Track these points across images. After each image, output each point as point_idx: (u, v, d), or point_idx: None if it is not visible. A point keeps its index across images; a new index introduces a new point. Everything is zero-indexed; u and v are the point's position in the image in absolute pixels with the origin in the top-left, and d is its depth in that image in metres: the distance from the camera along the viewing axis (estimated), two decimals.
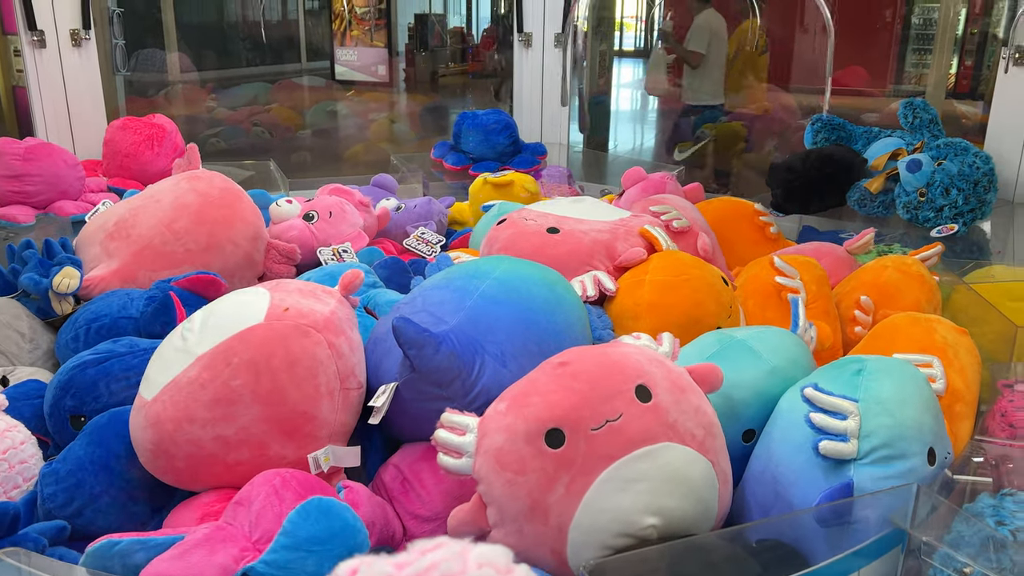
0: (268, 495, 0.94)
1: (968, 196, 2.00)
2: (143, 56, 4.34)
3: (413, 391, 1.10)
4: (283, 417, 1.04)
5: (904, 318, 1.39)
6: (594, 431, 0.92)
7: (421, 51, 6.63)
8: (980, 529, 0.88)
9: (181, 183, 1.63)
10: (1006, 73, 2.21)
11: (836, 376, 1.05)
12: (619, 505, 0.90)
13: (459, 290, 1.19)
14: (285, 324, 1.07)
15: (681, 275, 1.40)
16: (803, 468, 0.98)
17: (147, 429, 1.02)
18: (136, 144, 2.28)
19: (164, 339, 1.13)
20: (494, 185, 2.26)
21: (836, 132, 2.39)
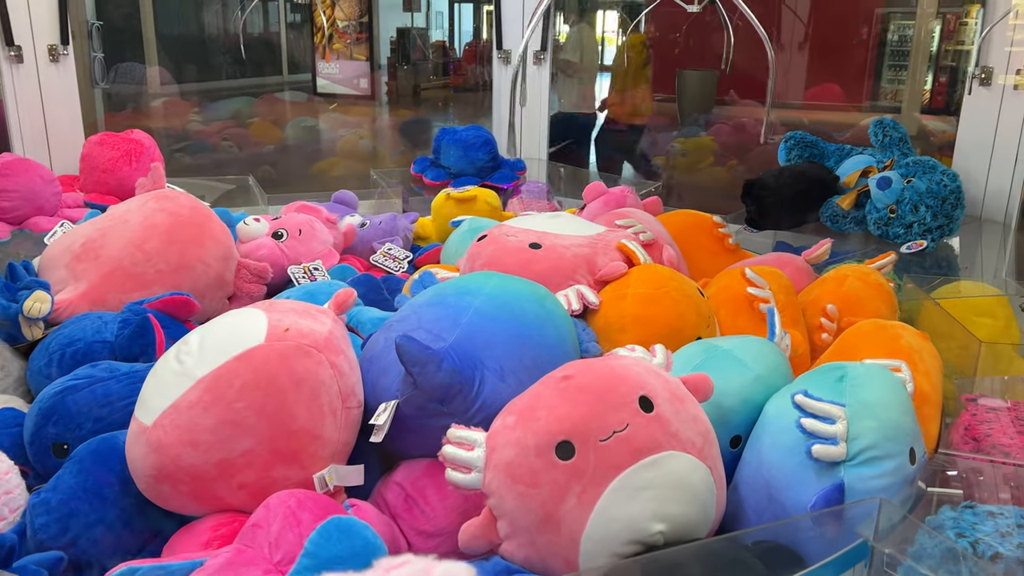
0: (286, 517, 0.94)
1: (936, 213, 2.04)
2: (122, 69, 4.33)
3: (415, 408, 1.11)
4: (288, 438, 1.03)
5: (870, 325, 1.43)
6: (602, 442, 0.95)
7: (403, 65, 6.65)
8: (941, 541, 0.89)
9: (149, 203, 1.61)
10: (970, 94, 2.26)
11: (821, 382, 1.10)
12: (629, 513, 0.94)
13: (452, 307, 1.20)
14: (287, 344, 1.06)
15: (662, 288, 1.44)
16: (795, 471, 1.03)
17: (148, 455, 1.01)
18: (114, 159, 2.27)
19: (156, 362, 1.11)
20: (457, 200, 2.26)
21: (809, 149, 2.44)
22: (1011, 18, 2.20)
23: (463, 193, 2.27)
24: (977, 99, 2.26)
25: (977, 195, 2.28)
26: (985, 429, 1.21)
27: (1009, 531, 0.91)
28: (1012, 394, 1.35)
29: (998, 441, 1.18)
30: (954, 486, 1.07)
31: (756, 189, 2.24)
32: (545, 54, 2.99)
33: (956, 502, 1.00)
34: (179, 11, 5.58)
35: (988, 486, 1.07)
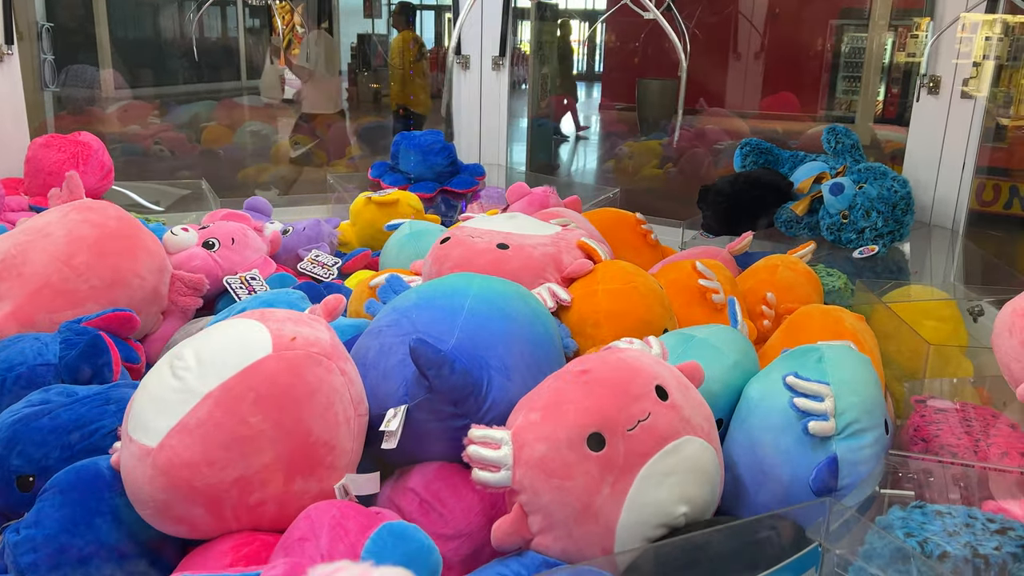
0: (332, 528, 0.92)
1: (887, 218, 2.07)
2: (73, 72, 4.23)
3: (427, 412, 1.10)
4: (306, 450, 1.00)
5: (814, 309, 1.52)
6: (629, 432, 0.99)
7: (363, 71, 6.60)
8: (891, 542, 0.90)
9: (71, 214, 1.50)
10: (918, 101, 2.31)
11: (802, 364, 1.18)
12: (657, 499, 0.99)
13: (444, 309, 1.20)
14: (297, 354, 1.02)
15: (630, 283, 1.47)
16: (790, 448, 1.10)
17: (157, 478, 0.94)
18: (60, 162, 2.21)
19: (146, 381, 1.03)
20: (378, 204, 2.24)
21: (764, 156, 2.46)
22: (958, 29, 2.25)
23: (385, 197, 2.25)
24: (925, 107, 2.31)
25: (926, 201, 2.32)
26: (934, 430, 1.23)
27: (957, 530, 0.92)
28: (960, 395, 1.37)
29: (946, 442, 1.19)
30: (905, 487, 1.08)
31: (711, 195, 2.26)
32: (504, 59, 2.99)
33: (907, 503, 1.01)
34: (135, 13, 5.48)
35: (938, 486, 1.09)
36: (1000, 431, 1.21)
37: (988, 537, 0.90)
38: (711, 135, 4.17)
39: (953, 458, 1.13)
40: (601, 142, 6.09)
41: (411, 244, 1.86)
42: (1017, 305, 1.26)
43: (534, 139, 4.15)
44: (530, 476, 0.97)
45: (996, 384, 1.36)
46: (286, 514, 0.99)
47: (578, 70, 7.62)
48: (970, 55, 2.24)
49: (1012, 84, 2.53)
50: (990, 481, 1.08)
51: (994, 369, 1.34)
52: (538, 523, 0.98)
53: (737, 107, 4.56)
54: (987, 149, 2.33)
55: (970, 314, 1.79)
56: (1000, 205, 2.66)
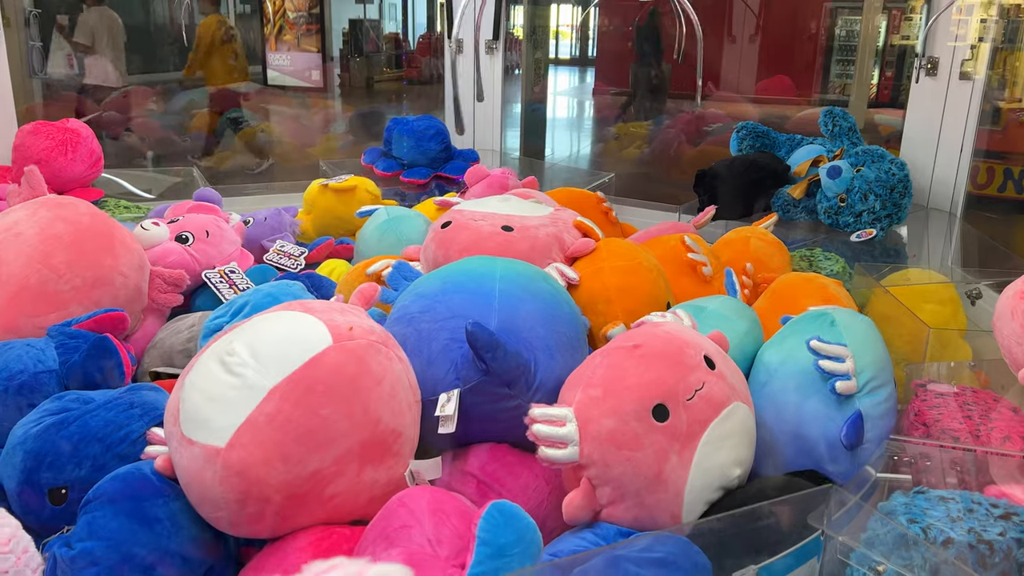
0: (434, 513, 0.93)
1: (885, 201, 2.06)
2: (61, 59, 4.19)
3: (481, 395, 1.12)
4: (377, 439, 1.00)
5: (796, 277, 1.61)
6: (688, 401, 1.05)
7: (356, 57, 6.56)
8: (893, 528, 0.89)
9: (40, 211, 1.42)
10: (917, 83, 2.29)
11: (817, 328, 1.25)
12: (718, 463, 1.05)
13: (475, 292, 1.21)
14: (358, 343, 1.01)
15: (634, 259, 1.51)
16: (817, 408, 1.17)
17: (229, 479, 0.92)
18: (48, 149, 2.18)
19: (193, 380, 1.00)
20: (335, 191, 2.20)
21: (760, 139, 2.45)
22: (954, 11, 2.23)
23: (341, 183, 2.21)
24: (923, 88, 2.29)
25: (924, 184, 2.31)
26: (934, 415, 1.22)
27: (960, 516, 0.91)
28: (959, 379, 1.37)
29: (947, 426, 1.19)
30: (904, 472, 1.08)
31: (708, 179, 2.25)
32: (497, 43, 2.96)
33: (906, 487, 1.01)
34: (125, 0, 5.44)
35: (936, 471, 1.08)
36: (1001, 415, 1.20)
37: (992, 523, 0.89)
38: (711, 119, 4.16)
39: (955, 443, 1.13)
40: (595, 127, 6.06)
41: (391, 230, 1.83)
42: (1018, 288, 1.25)
43: (527, 124, 4.12)
44: (599, 450, 1.00)
45: (995, 367, 1.36)
46: (357, 505, 1.00)
47: (571, 54, 7.58)
48: (967, 37, 2.23)
49: (1007, 67, 2.52)
50: (992, 466, 1.08)
51: (992, 352, 1.33)
52: (607, 495, 1.01)
53: (732, 91, 4.54)
54: (983, 132, 2.31)
55: (968, 297, 1.78)
56: (994, 188, 2.65)
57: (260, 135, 4.61)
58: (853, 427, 1.15)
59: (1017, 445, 1.12)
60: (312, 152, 4.74)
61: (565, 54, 7.64)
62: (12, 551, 0.88)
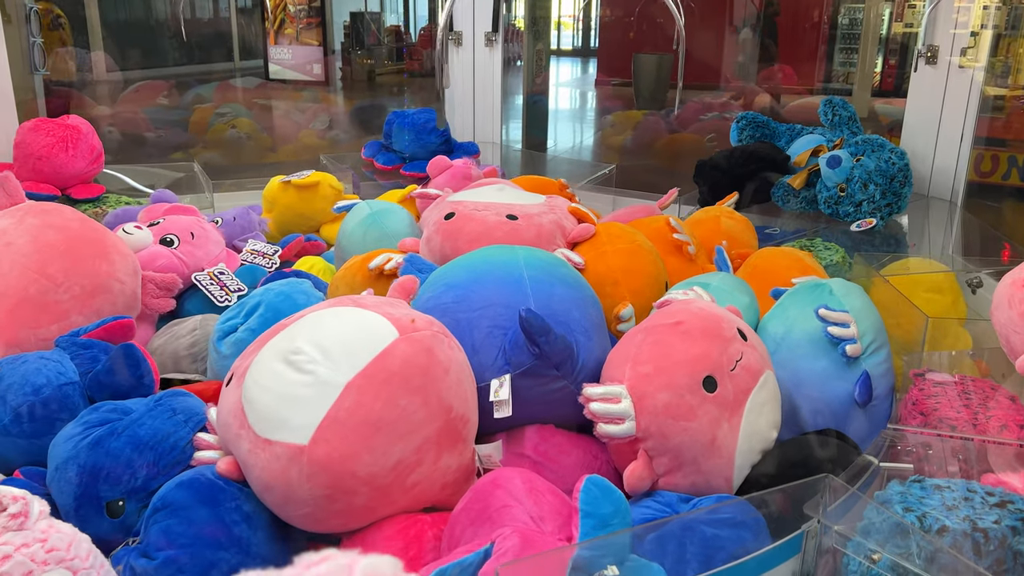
0: (529, 492, 0.96)
1: (885, 191, 2.05)
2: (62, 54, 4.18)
3: (531, 378, 1.15)
4: (451, 426, 1.02)
5: (773, 252, 1.72)
6: (732, 372, 1.12)
7: (357, 50, 6.55)
8: (889, 517, 0.89)
9: (27, 219, 1.38)
10: (916, 71, 2.28)
11: (818, 298, 1.33)
12: (760, 427, 1.13)
13: (505, 280, 1.24)
14: (423, 334, 1.03)
15: (633, 242, 1.56)
16: (827, 371, 1.27)
17: (317, 475, 0.93)
18: (49, 146, 2.18)
19: (259, 380, 1.00)
20: (298, 187, 2.16)
21: (760, 130, 2.44)
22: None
23: (304, 179, 2.17)
24: (923, 77, 2.28)
25: (924, 173, 2.30)
26: (932, 403, 1.22)
27: (955, 504, 0.91)
28: (959, 368, 1.37)
29: (945, 415, 1.19)
30: (904, 461, 1.08)
31: (708, 169, 2.24)
32: (497, 35, 2.95)
33: (906, 477, 1.01)
34: None
35: (937, 460, 1.09)
36: (999, 403, 1.20)
37: (987, 511, 0.89)
38: (715, 108, 4.15)
39: (952, 431, 1.13)
40: (597, 119, 6.04)
41: (375, 224, 1.81)
42: (1016, 276, 1.24)
43: (529, 116, 4.11)
44: (657, 422, 1.07)
45: (994, 356, 1.36)
46: (434, 492, 1.02)
47: (573, 45, 7.56)
48: (968, 24, 2.21)
49: (1010, 54, 2.50)
50: (989, 454, 1.08)
51: (992, 341, 1.33)
52: (665, 464, 1.08)
53: (734, 81, 4.52)
54: (985, 119, 2.30)
55: (968, 286, 1.77)
56: (998, 176, 2.64)
57: (230, 132, 4.48)
58: (864, 386, 1.26)
59: (1014, 433, 1.12)
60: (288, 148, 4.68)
61: (567, 45, 7.61)
62: (92, 566, 0.87)
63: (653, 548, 0.91)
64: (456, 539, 0.94)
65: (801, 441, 1.18)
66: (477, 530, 0.92)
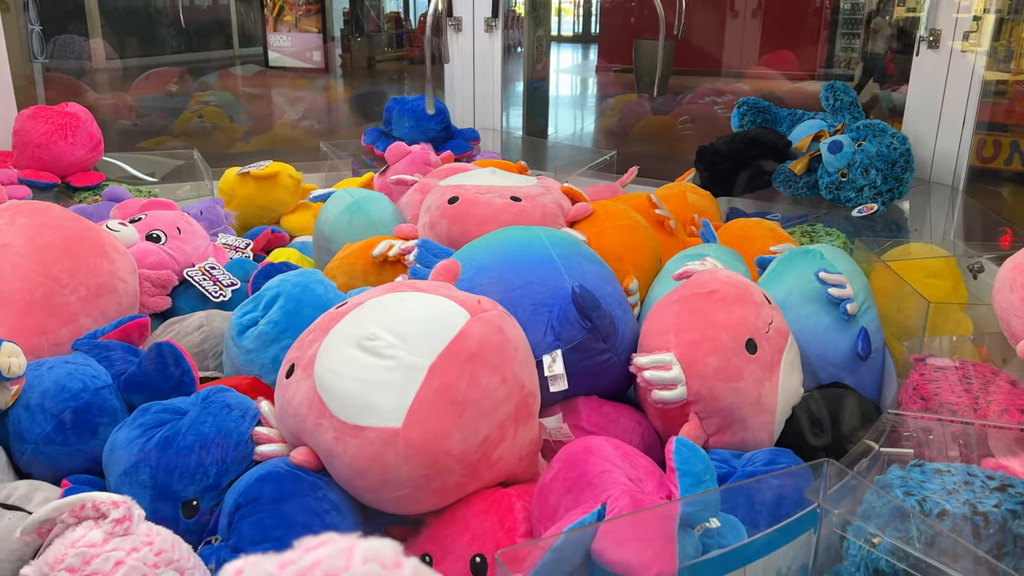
0: (623, 456, 0.99)
1: (887, 176, 2.04)
2: (61, 42, 4.16)
3: (580, 352, 1.19)
4: (524, 402, 1.05)
5: (744, 223, 1.84)
6: (767, 334, 1.19)
7: (357, 37, 6.52)
8: (889, 501, 0.90)
9: (19, 218, 1.32)
10: (918, 55, 2.27)
11: (811, 263, 1.42)
12: (793, 384, 1.22)
13: (537, 259, 1.28)
14: (492, 314, 1.06)
15: (630, 218, 1.62)
16: (828, 330, 1.36)
17: (413, 457, 0.94)
18: (48, 134, 2.18)
19: (335, 367, 1.00)
20: (256, 178, 2.12)
21: (761, 115, 2.43)
22: None
23: (263, 170, 2.13)
24: (925, 61, 2.27)
25: (926, 158, 2.29)
26: (933, 388, 1.22)
27: (956, 488, 0.91)
28: (959, 353, 1.36)
29: (946, 400, 1.19)
30: (904, 446, 1.08)
31: (709, 155, 2.23)
32: (496, 21, 2.94)
33: (906, 461, 1.01)
34: None
35: (937, 444, 1.09)
36: (1000, 388, 1.20)
37: (987, 494, 0.89)
38: (726, 93, 4.14)
39: (952, 416, 1.13)
40: (599, 105, 6.02)
41: (360, 212, 1.78)
42: (1017, 261, 1.24)
43: (530, 103, 4.10)
44: (707, 386, 1.13)
45: (995, 341, 1.36)
46: (512, 465, 1.05)
47: (574, 31, 7.52)
48: (971, 8, 2.20)
49: (1013, 38, 2.49)
50: (989, 438, 1.08)
51: (993, 326, 1.33)
52: (715, 424, 1.15)
53: (735, 67, 4.50)
54: (987, 104, 2.29)
55: (970, 271, 1.77)
56: (1000, 161, 2.62)
57: (195, 121, 4.35)
58: (864, 340, 1.37)
59: (1015, 418, 1.12)
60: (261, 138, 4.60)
61: (568, 31, 7.58)
62: (195, 566, 0.87)
63: (726, 501, 0.95)
64: (552, 507, 0.96)
65: (824, 394, 1.25)
66: (578, 496, 0.94)
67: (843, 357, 1.36)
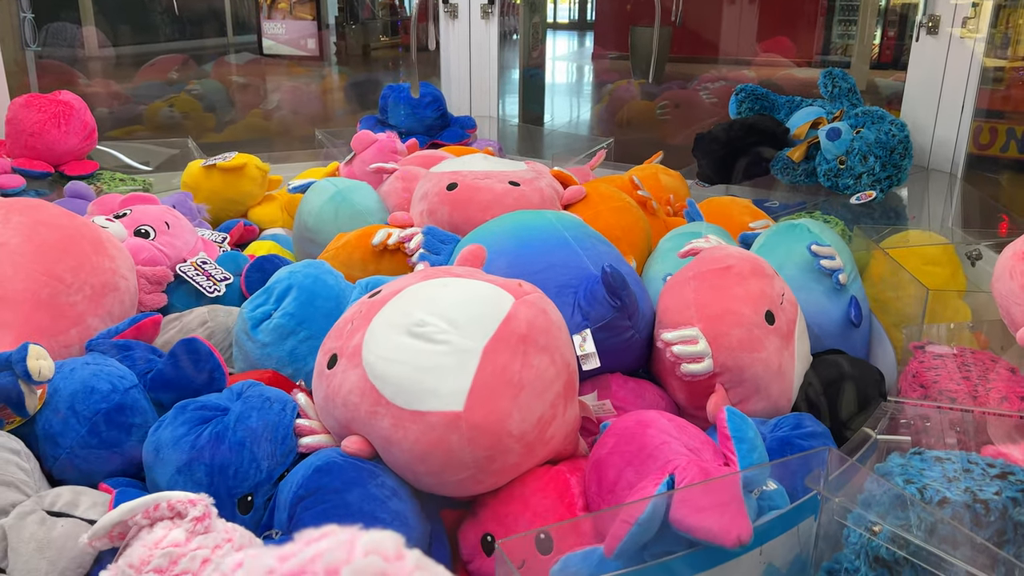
0: (677, 428, 1.02)
1: (885, 163, 2.04)
2: (53, 30, 4.12)
3: (610, 330, 1.22)
4: (570, 380, 1.08)
5: (719, 201, 1.94)
6: (781, 305, 1.25)
7: (351, 24, 6.48)
8: (889, 489, 0.89)
9: (12, 216, 1.26)
10: (918, 41, 2.26)
11: (799, 237, 1.49)
12: (805, 352, 1.28)
13: (553, 242, 1.32)
14: (534, 297, 1.08)
15: (622, 199, 1.67)
16: (822, 299, 1.42)
17: (477, 438, 0.95)
18: (41, 122, 2.16)
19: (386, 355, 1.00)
20: (223, 170, 2.07)
21: (759, 102, 2.42)
22: None
23: (230, 162, 2.08)
24: (924, 47, 2.26)
25: (924, 144, 2.28)
26: (932, 376, 1.22)
27: (956, 476, 0.91)
28: (957, 340, 1.36)
29: (945, 387, 1.19)
30: (902, 433, 1.08)
31: (706, 142, 2.22)
32: (493, 7, 2.92)
33: (905, 449, 1.01)
34: None
35: (935, 432, 1.08)
36: (999, 375, 1.20)
37: (988, 482, 0.89)
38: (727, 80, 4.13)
39: (952, 404, 1.13)
40: (595, 92, 5.99)
41: (346, 201, 1.77)
42: (1017, 248, 1.24)
43: (526, 90, 4.08)
44: (733, 357, 1.17)
45: (994, 328, 1.36)
46: (561, 442, 1.08)
47: (570, 18, 7.48)
48: None
49: (1010, 24, 2.48)
50: (989, 426, 1.08)
51: (991, 313, 1.33)
52: (740, 394, 1.19)
53: (732, 54, 4.48)
54: (985, 91, 2.28)
55: (968, 258, 1.77)
56: (997, 148, 2.62)
57: (164, 111, 4.22)
58: (857, 308, 1.44)
59: (1014, 405, 1.12)
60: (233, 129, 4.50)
61: (564, 18, 7.54)
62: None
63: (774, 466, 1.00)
64: (611, 481, 0.98)
65: (828, 361, 1.31)
66: (639, 468, 0.96)
67: (836, 325, 1.42)
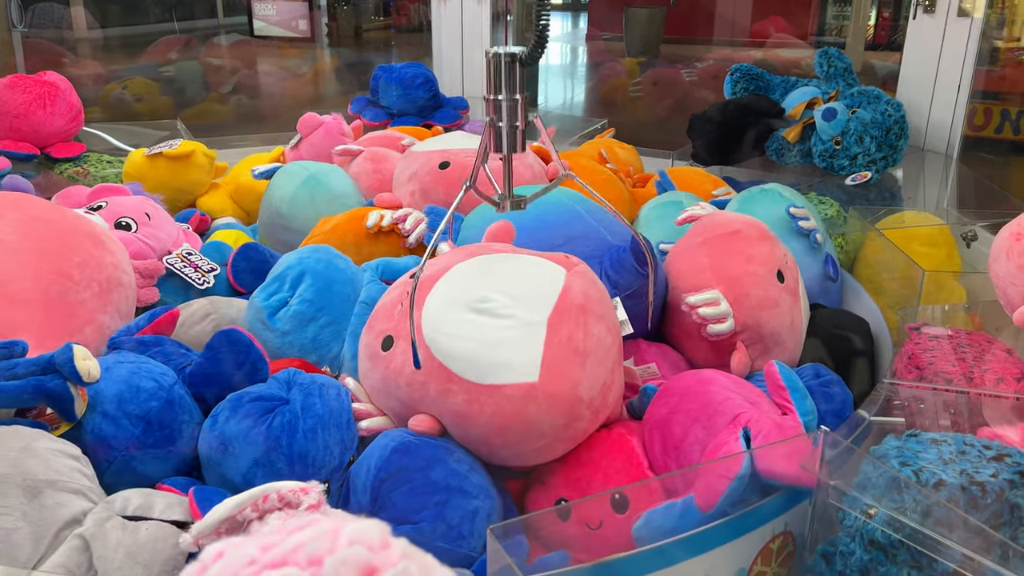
0: (733, 384, 1.06)
1: (881, 143, 2.02)
2: (39, 11, 4.07)
3: (636, 298, 1.26)
4: (621, 346, 1.12)
5: (682, 170, 2.05)
6: (787, 265, 1.32)
7: (343, 5, 6.42)
8: (885, 471, 0.89)
9: (8, 212, 1.20)
10: (914, 19, 2.24)
11: (771, 200, 1.57)
12: (806, 307, 1.37)
13: (566, 215, 1.37)
14: (580, 268, 1.10)
15: (604, 173, 1.74)
16: (802, 258, 1.48)
17: (554, 406, 0.98)
18: (27, 104, 2.12)
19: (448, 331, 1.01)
20: (170, 158, 1.99)
21: (755, 82, 2.39)
22: None
23: (176, 150, 2.00)
24: (921, 26, 2.24)
25: (920, 125, 2.27)
26: (928, 357, 1.22)
27: (952, 458, 0.90)
28: (952, 322, 1.36)
29: (940, 369, 1.18)
30: (897, 415, 1.08)
31: (701, 123, 2.21)
32: None
33: (899, 431, 1.00)
34: None
35: (929, 413, 1.08)
36: (996, 357, 1.20)
37: (984, 464, 0.88)
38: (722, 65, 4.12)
39: (948, 385, 1.12)
40: (588, 73, 5.96)
41: (321, 185, 1.74)
42: (1014, 229, 1.23)
43: None
44: (753, 315, 1.25)
45: (988, 309, 1.35)
46: (615, 407, 1.11)
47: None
48: None
49: (1006, 4, 2.46)
50: (985, 408, 1.07)
51: (987, 294, 1.32)
52: (758, 350, 1.26)
53: (727, 34, 4.45)
54: (980, 72, 2.27)
55: (963, 239, 1.76)
56: (991, 129, 2.61)
57: (117, 93, 4.05)
58: (834, 264, 1.55)
59: (1011, 387, 1.11)
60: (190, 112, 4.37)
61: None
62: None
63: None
64: (678, 439, 1.01)
65: (823, 314, 1.41)
66: (707, 423, 0.99)
67: (814, 281, 1.52)
